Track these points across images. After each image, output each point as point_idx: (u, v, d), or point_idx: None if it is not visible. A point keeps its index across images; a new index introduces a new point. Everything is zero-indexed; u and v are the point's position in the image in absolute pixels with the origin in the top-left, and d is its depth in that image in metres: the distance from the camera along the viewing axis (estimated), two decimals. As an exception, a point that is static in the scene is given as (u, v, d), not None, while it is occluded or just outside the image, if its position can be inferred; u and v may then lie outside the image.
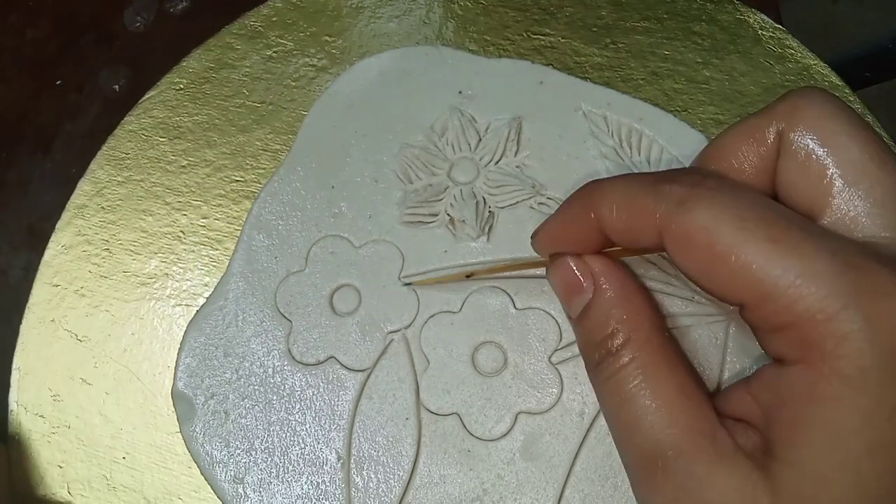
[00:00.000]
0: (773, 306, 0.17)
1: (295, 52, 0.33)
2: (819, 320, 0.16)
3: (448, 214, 0.28)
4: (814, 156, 0.19)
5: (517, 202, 0.28)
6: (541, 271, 0.27)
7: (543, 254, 0.24)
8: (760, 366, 0.20)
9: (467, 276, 0.27)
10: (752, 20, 0.31)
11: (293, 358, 0.27)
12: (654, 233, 0.19)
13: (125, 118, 0.32)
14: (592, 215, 0.21)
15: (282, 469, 0.26)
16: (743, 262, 0.17)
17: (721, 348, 0.25)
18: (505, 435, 0.25)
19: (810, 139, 0.19)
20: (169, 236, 0.30)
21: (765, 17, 0.31)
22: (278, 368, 0.27)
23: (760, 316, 0.18)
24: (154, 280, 0.29)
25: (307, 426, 0.26)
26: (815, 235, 0.17)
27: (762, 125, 0.20)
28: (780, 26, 0.31)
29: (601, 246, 0.22)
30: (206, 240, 0.30)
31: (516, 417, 0.26)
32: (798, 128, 0.19)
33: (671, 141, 0.29)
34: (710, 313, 0.26)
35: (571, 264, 0.22)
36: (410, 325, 0.27)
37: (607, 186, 0.21)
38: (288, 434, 0.26)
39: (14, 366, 0.29)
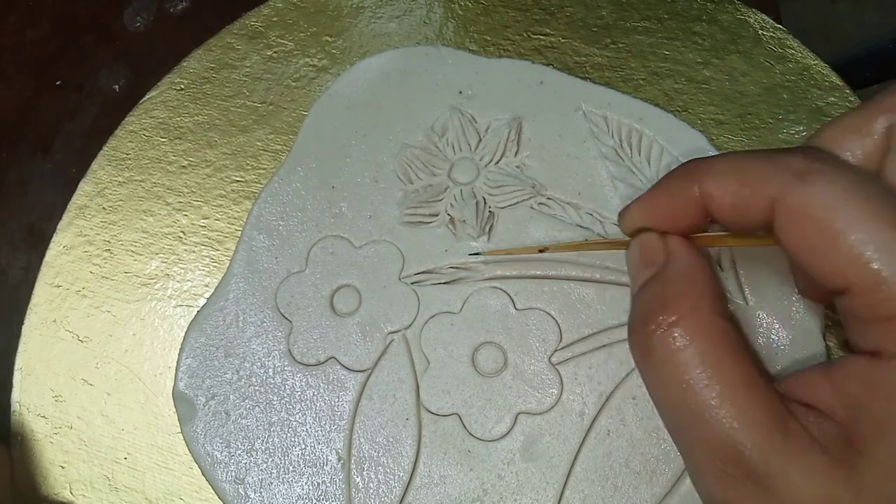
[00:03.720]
0: (883, 294, 0.16)
1: (295, 52, 0.33)
2: None
3: (448, 214, 0.28)
4: None
5: (517, 202, 0.28)
6: (541, 271, 0.27)
7: (630, 229, 0.23)
8: (844, 356, 0.19)
9: (540, 251, 0.26)
10: (752, 20, 0.31)
11: (294, 358, 0.27)
12: (764, 207, 0.18)
13: (126, 118, 0.32)
14: (696, 189, 0.20)
15: (282, 469, 0.26)
16: (860, 242, 0.16)
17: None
18: (505, 435, 0.26)
19: None
20: (170, 237, 0.30)
21: (765, 17, 0.31)
22: (279, 369, 0.27)
23: (865, 304, 0.17)
24: (155, 281, 0.29)
25: (308, 427, 0.26)
26: None
27: (870, 118, 0.19)
28: (781, 26, 0.31)
29: (695, 226, 0.21)
30: (207, 240, 0.30)
31: (516, 418, 0.26)
32: None
33: (671, 141, 0.29)
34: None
35: (653, 238, 0.21)
36: (411, 325, 0.27)
37: (715, 159, 0.20)
38: (288, 434, 0.26)
39: (16, 366, 0.29)
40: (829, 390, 0.18)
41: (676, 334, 0.19)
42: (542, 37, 0.32)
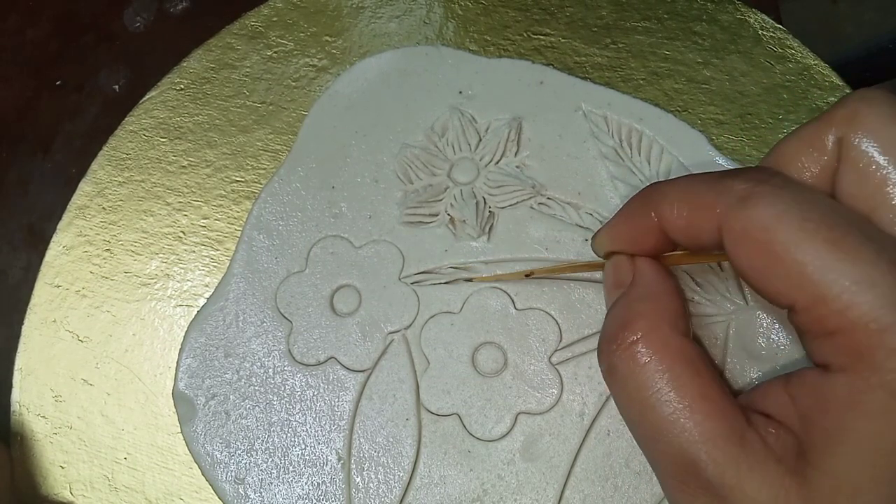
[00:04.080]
0: (825, 310, 0.17)
1: (295, 52, 0.33)
2: (872, 330, 0.16)
3: (448, 214, 0.28)
4: (873, 164, 0.18)
5: (517, 202, 0.28)
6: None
7: (601, 253, 0.24)
8: (802, 367, 0.19)
9: (526, 276, 0.26)
10: (752, 20, 0.31)
11: (294, 358, 0.27)
12: (714, 230, 0.19)
13: (126, 118, 0.32)
14: (653, 214, 0.21)
15: (282, 469, 0.26)
16: (799, 262, 0.17)
17: (721, 348, 0.25)
18: (505, 435, 0.26)
19: (870, 146, 0.18)
20: (170, 237, 0.30)
21: (765, 17, 0.31)
22: (279, 369, 0.27)
23: (810, 319, 0.17)
24: (155, 280, 0.29)
25: (308, 427, 0.26)
26: (875, 242, 0.17)
27: (821, 132, 0.19)
28: (781, 26, 0.31)
29: (660, 248, 0.22)
30: (207, 240, 0.30)
31: (516, 418, 0.26)
32: (857, 134, 0.19)
33: (671, 141, 0.29)
34: (710, 314, 0.26)
35: (623, 260, 0.22)
36: (411, 325, 0.27)
37: (668, 184, 0.21)
38: (288, 435, 0.26)
39: (16, 366, 0.29)
40: (786, 401, 0.19)
41: (637, 352, 0.20)
42: (542, 37, 0.32)
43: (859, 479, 0.16)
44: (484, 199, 0.29)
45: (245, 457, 0.26)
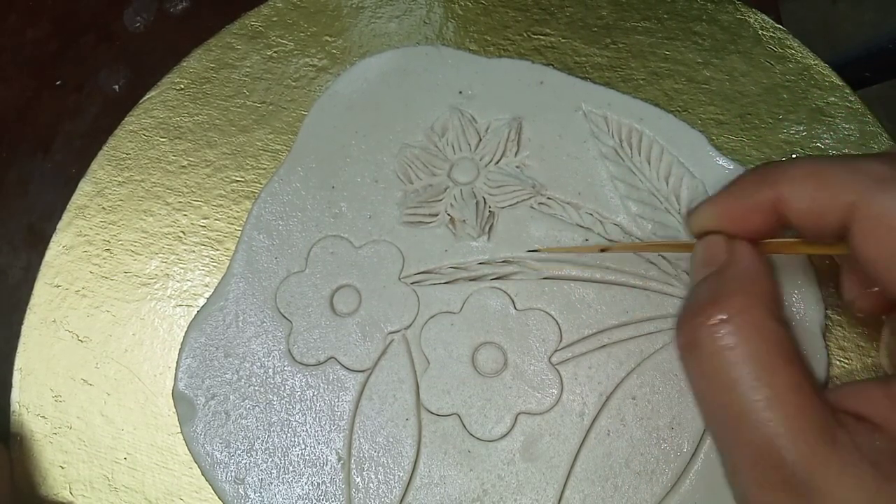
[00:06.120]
0: None
1: (295, 52, 0.33)
2: None
3: (448, 214, 0.28)
4: None
5: (517, 202, 0.28)
6: (540, 271, 0.27)
7: (697, 230, 0.22)
8: None
9: (602, 251, 0.26)
10: (752, 20, 0.31)
11: (293, 358, 0.27)
12: (840, 213, 0.18)
13: (125, 118, 0.32)
14: (771, 192, 0.20)
15: (282, 470, 0.26)
16: None
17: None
18: (505, 435, 0.25)
19: None
20: (170, 237, 0.30)
21: (765, 17, 0.31)
22: (279, 369, 0.27)
23: None
24: (155, 280, 0.29)
25: (307, 427, 0.26)
26: None
27: None
28: (781, 26, 0.31)
29: (765, 231, 0.21)
30: (207, 240, 0.30)
31: (516, 418, 0.26)
32: None
33: (671, 141, 0.29)
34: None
35: (719, 239, 0.21)
36: (411, 325, 0.27)
37: (792, 162, 0.20)
38: (288, 435, 0.26)
39: (15, 366, 0.29)
40: (885, 404, 0.18)
41: (726, 331, 0.18)
42: (542, 37, 0.32)
43: None
44: (484, 198, 0.29)
45: (245, 457, 0.26)
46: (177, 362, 0.28)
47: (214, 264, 0.30)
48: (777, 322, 0.18)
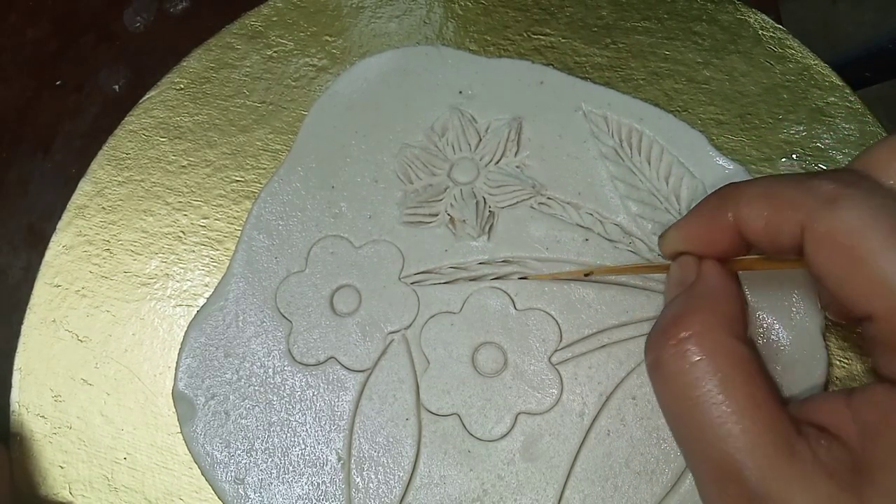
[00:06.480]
0: None
1: (295, 52, 0.33)
2: None
3: (448, 214, 0.28)
4: None
5: (517, 202, 0.28)
6: (540, 270, 0.27)
7: (668, 253, 0.23)
8: (868, 382, 0.19)
9: (585, 275, 0.26)
10: (752, 20, 0.31)
11: (293, 358, 0.27)
12: (794, 232, 0.18)
13: (125, 118, 0.32)
14: (730, 214, 0.20)
15: (282, 470, 0.26)
16: (884, 270, 0.16)
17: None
18: (505, 435, 0.25)
19: None
20: (169, 236, 0.30)
21: (765, 17, 0.31)
22: (279, 369, 0.27)
23: (889, 330, 0.17)
24: (155, 280, 0.29)
25: (307, 427, 0.26)
26: None
27: None
28: (781, 26, 0.31)
29: (732, 251, 0.21)
30: (207, 240, 0.30)
31: (516, 418, 0.26)
32: None
33: (671, 141, 0.29)
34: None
35: (690, 260, 0.22)
36: (411, 325, 0.27)
37: (748, 184, 0.20)
38: (288, 435, 0.26)
39: (15, 366, 0.29)
40: (846, 415, 0.18)
41: (688, 349, 0.19)
42: (542, 37, 0.32)
43: None
44: (484, 198, 0.29)
45: (245, 457, 0.26)
46: (177, 362, 0.28)
47: (214, 264, 0.30)
48: (737, 340, 0.19)
